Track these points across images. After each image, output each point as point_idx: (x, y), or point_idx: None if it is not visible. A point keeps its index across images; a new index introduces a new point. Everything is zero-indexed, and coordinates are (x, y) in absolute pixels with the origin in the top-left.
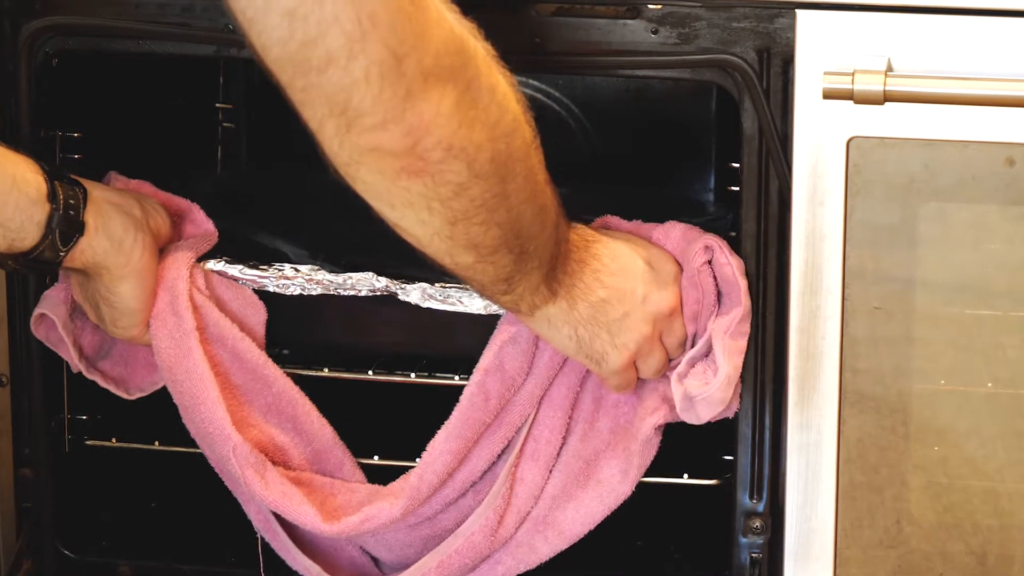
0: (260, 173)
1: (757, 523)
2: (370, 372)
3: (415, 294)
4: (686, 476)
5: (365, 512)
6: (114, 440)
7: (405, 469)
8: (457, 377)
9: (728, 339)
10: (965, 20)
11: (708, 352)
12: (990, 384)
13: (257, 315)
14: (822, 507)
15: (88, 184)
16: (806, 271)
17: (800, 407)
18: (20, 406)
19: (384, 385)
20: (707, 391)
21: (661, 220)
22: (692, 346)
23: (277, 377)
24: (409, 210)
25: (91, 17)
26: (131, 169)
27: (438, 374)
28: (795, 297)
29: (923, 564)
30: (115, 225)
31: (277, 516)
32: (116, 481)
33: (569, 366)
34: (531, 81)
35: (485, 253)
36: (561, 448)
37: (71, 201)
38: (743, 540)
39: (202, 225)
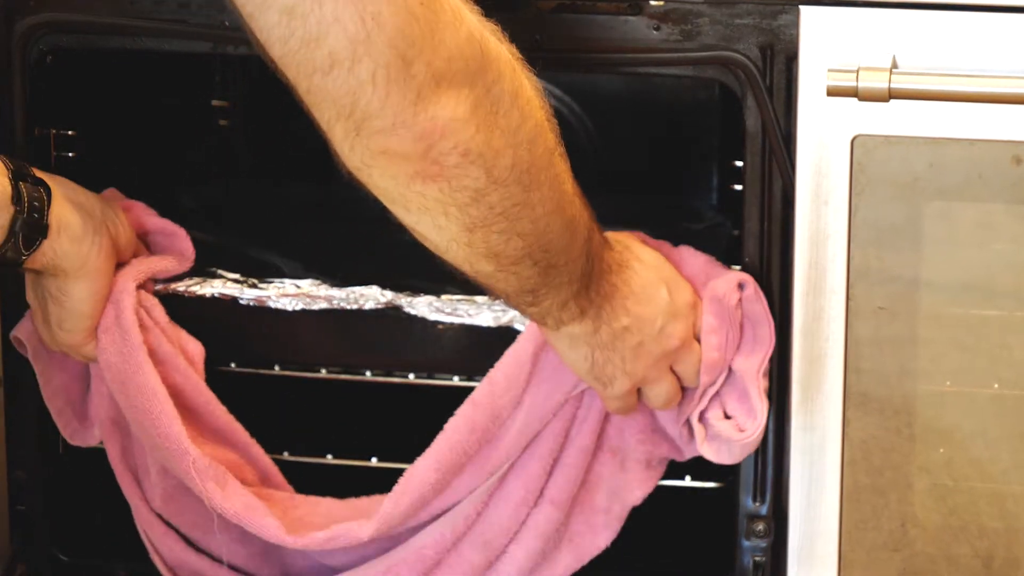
0: (251, 185)
1: (760, 526)
2: (368, 373)
3: (422, 307)
4: (688, 478)
5: (333, 531)
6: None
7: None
8: (456, 378)
9: (762, 379)
10: (971, 16)
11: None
12: (996, 385)
13: (197, 348)
14: (826, 510)
15: (51, 181)
16: (810, 271)
17: (804, 408)
18: (14, 407)
19: (380, 387)
20: (748, 437)
21: (660, 226)
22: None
23: (221, 412)
24: (425, 215)
25: (86, 14)
26: (128, 168)
27: (437, 375)
28: (798, 297)
29: (928, 567)
30: (76, 226)
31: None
32: (111, 483)
33: (561, 413)
34: None
35: (506, 263)
36: (538, 498)
37: (35, 203)
38: (746, 543)
39: (178, 247)
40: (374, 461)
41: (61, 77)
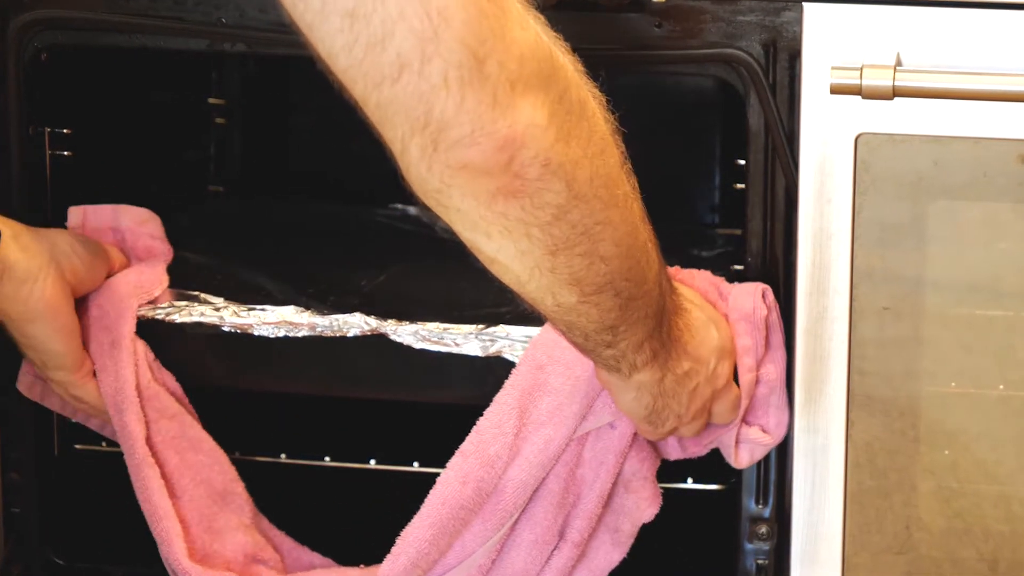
0: (243, 204)
1: (763, 529)
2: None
3: (407, 335)
4: (691, 481)
5: None
6: (104, 444)
7: (398, 474)
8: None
9: (782, 388)
10: (976, 13)
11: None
12: (1002, 386)
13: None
14: (829, 512)
15: (1, 225)
16: (813, 271)
17: (807, 410)
18: (8, 409)
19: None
20: (775, 441)
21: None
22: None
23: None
24: (507, 239)
25: (81, 11)
26: (124, 167)
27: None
28: (802, 297)
29: (933, 570)
30: (18, 267)
31: None
32: (106, 485)
33: (565, 457)
34: None
35: (589, 291)
36: (558, 540)
37: None
38: (749, 546)
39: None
40: (372, 463)
41: (56, 75)
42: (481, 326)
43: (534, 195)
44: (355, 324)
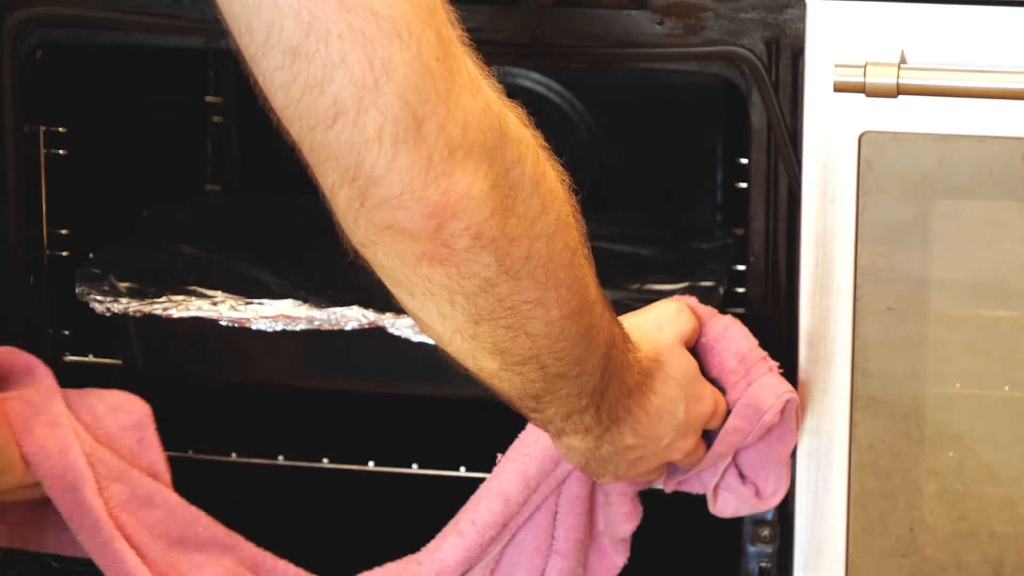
0: (241, 198)
1: (765, 531)
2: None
3: (406, 328)
4: None
5: None
6: None
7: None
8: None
9: (786, 463)
10: (980, 11)
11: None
12: (1007, 387)
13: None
14: (833, 515)
15: None
16: (816, 271)
17: (810, 411)
18: None
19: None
20: (765, 505)
21: (667, 245)
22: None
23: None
24: (430, 301)
25: (77, 8)
26: (120, 166)
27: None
28: (805, 297)
29: (937, 573)
30: None
31: None
32: None
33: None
34: (531, 74)
35: (512, 362)
36: (549, 549)
37: None
38: (751, 549)
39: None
40: (371, 465)
41: (52, 73)
42: None
43: (461, 265)
44: (353, 317)
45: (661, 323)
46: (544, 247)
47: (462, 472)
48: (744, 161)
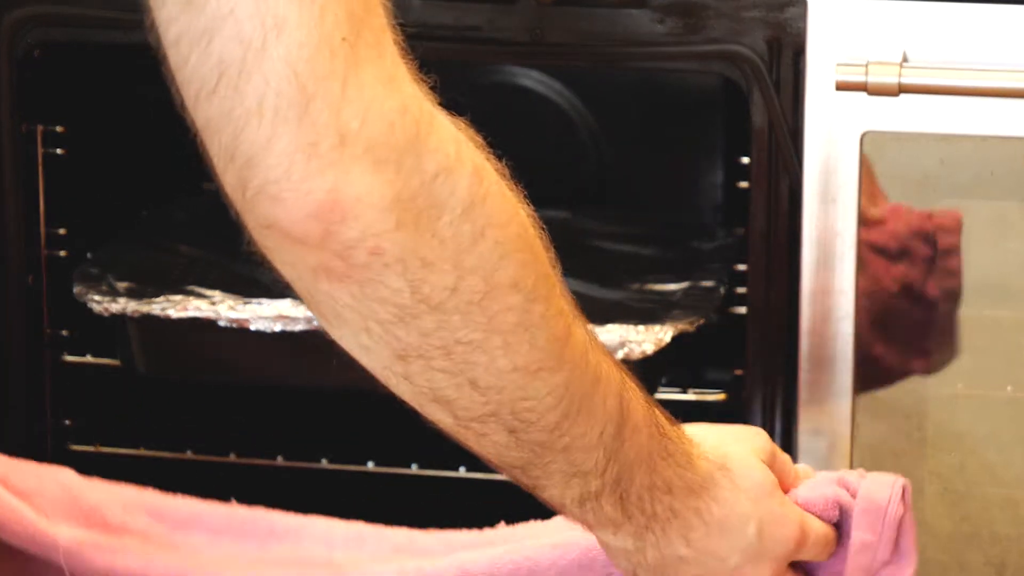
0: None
1: None
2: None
3: None
4: None
5: None
6: (99, 446)
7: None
8: None
9: None
10: (982, 9)
11: None
12: (1009, 388)
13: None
14: None
15: None
16: (817, 270)
17: (811, 411)
18: (1, 410)
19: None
20: None
21: (668, 244)
22: None
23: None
24: (344, 328)
25: (75, 6)
26: (118, 165)
27: None
28: (806, 297)
29: (939, 575)
30: None
31: None
32: None
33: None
34: (532, 73)
35: (466, 418)
36: None
37: None
38: None
39: None
40: (370, 466)
41: (49, 71)
42: None
43: (365, 286)
44: None
45: (739, 435)
46: (480, 282)
47: (462, 472)
48: (745, 160)
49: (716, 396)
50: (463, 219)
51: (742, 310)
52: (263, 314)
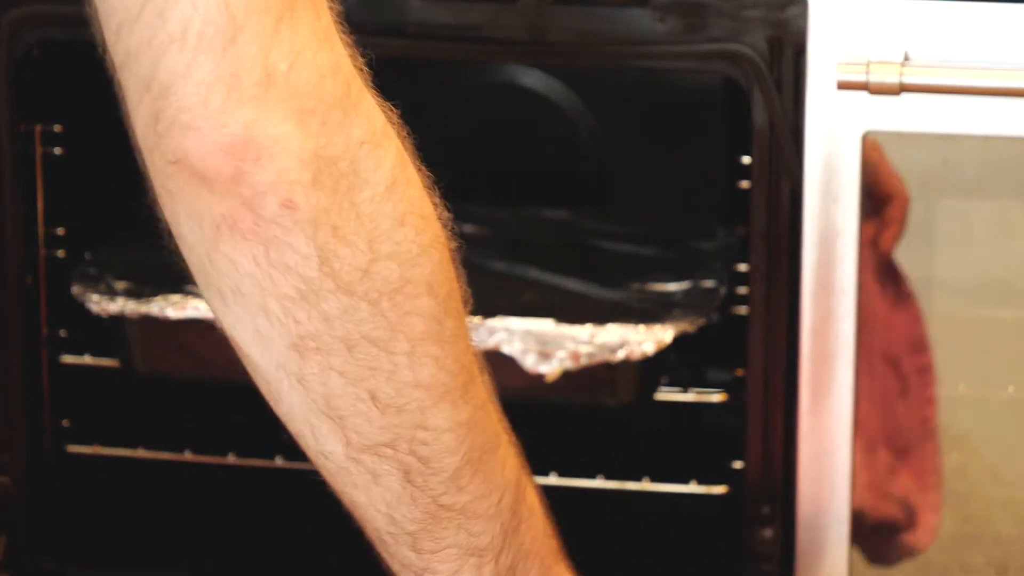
0: None
1: (768, 532)
2: None
3: None
4: (694, 483)
5: None
6: (98, 447)
7: None
8: None
9: None
10: (985, 8)
11: None
12: (1012, 389)
13: None
14: (836, 516)
15: None
16: (818, 270)
17: (813, 412)
18: None
19: None
20: None
21: (669, 244)
22: None
23: None
24: (240, 306)
25: (74, 5)
26: (117, 164)
27: None
28: (807, 297)
29: None
30: None
31: None
32: (100, 490)
33: None
34: (532, 72)
35: (358, 445)
36: None
37: None
38: (754, 550)
39: None
40: None
41: (47, 71)
42: (478, 318)
43: (270, 245)
44: None
45: None
46: (395, 273)
47: None
48: (746, 160)
49: (717, 396)
50: (385, 198)
51: (743, 310)
52: None
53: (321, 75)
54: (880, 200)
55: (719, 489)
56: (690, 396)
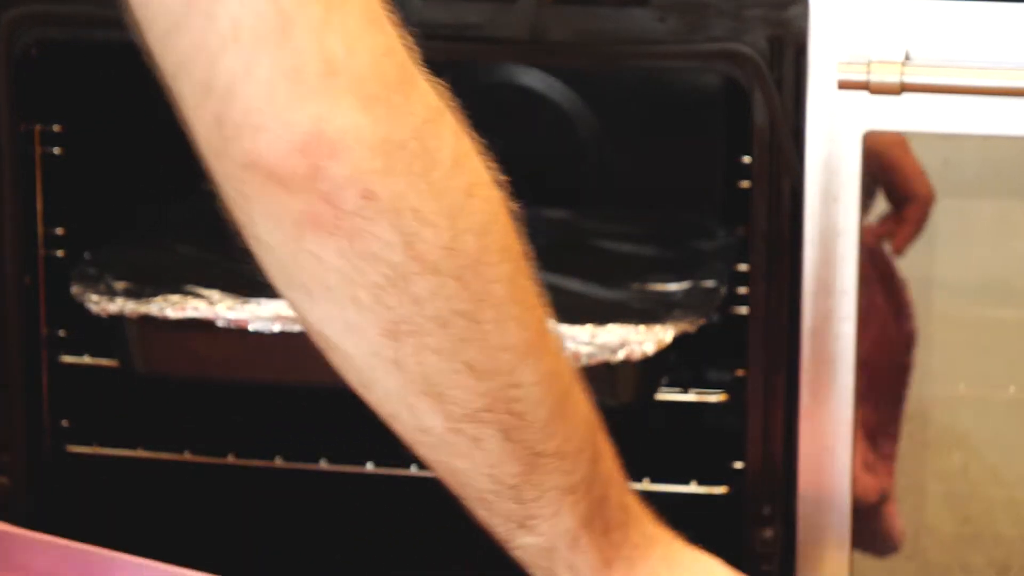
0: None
1: (768, 533)
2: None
3: None
4: (694, 483)
5: None
6: (98, 446)
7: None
8: None
9: None
10: (986, 7)
11: None
12: (1012, 389)
13: None
14: (836, 516)
15: None
16: (819, 270)
17: (813, 412)
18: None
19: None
20: None
21: (669, 244)
22: None
23: None
24: (329, 302)
25: (73, 5)
26: (116, 164)
27: None
28: (807, 297)
29: None
30: None
31: None
32: (101, 491)
33: None
34: (532, 71)
35: (458, 415)
36: None
37: None
38: (754, 550)
39: None
40: (369, 467)
41: (46, 70)
42: None
43: (354, 237)
44: None
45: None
46: (474, 244)
47: None
48: (746, 160)
49: (717, 396)
50: (453, 173)
51: (743, 310)
52: (261, 314)
53: (378, 58)
54: (899, 200)
55: (719, 489)
56: (690, 396)
